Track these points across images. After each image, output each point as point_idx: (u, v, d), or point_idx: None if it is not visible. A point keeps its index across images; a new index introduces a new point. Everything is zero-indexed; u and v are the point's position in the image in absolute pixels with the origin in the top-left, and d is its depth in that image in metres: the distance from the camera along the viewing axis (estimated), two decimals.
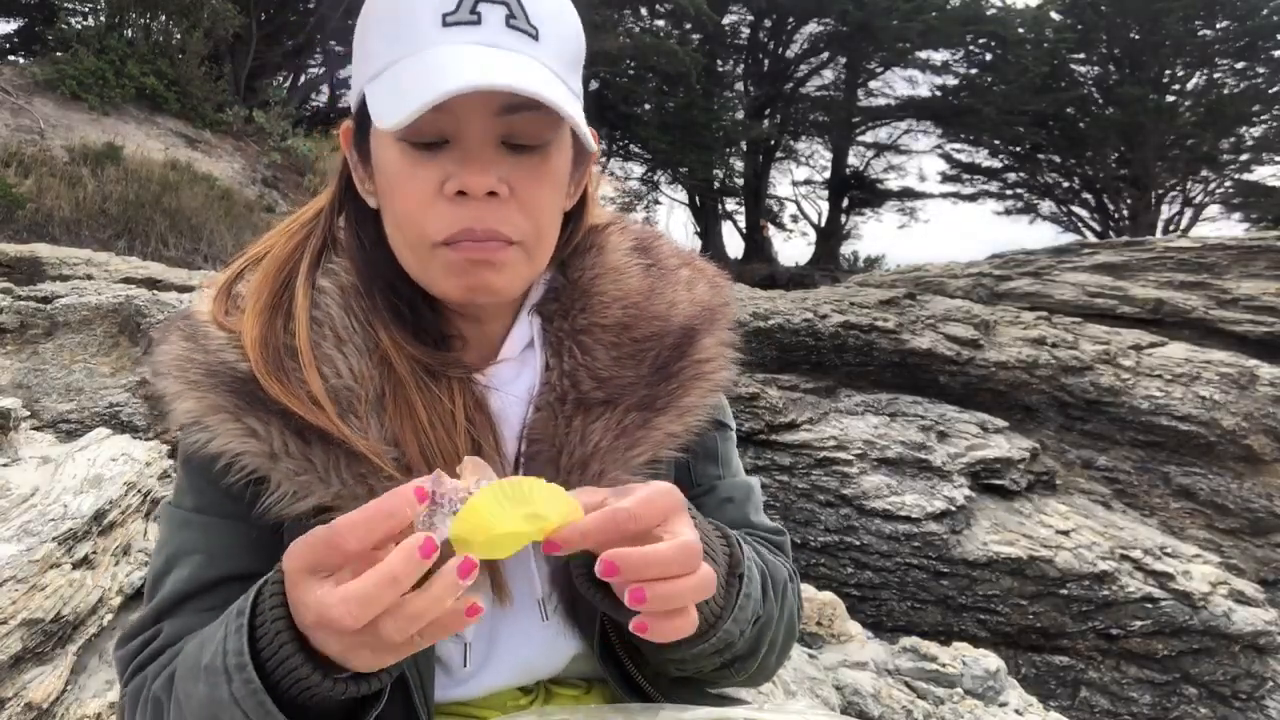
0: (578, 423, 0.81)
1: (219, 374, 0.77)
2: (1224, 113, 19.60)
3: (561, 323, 0.85)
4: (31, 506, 2.06)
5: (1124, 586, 3.55)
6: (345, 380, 0.77)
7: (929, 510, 3.73)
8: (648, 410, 0.83)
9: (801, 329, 4.97)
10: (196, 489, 0.81)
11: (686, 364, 0.86)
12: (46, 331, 3.74)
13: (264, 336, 0.77)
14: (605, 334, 0.85)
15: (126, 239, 8.57)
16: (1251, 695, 3.42)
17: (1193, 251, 6.25)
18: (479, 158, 0.73)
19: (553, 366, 0.84)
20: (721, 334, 0.89)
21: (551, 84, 0.72)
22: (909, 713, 2.52)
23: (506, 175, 0.74)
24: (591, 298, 0.86)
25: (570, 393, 0.82)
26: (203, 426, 0.76)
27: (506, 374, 0.85)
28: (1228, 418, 4.64)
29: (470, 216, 0.73)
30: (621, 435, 0.82)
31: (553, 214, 0.80)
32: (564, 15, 0.77)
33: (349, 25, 5.97)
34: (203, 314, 0.82)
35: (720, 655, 0.75)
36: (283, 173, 11.85)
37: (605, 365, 0.83)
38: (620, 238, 0.93)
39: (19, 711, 1.67)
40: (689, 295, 0.89)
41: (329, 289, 0.81)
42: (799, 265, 22.03)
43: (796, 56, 23.64)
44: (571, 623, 0.84)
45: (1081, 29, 20.51)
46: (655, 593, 0.61)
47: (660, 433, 0.83)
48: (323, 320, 0.79)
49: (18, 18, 15.10)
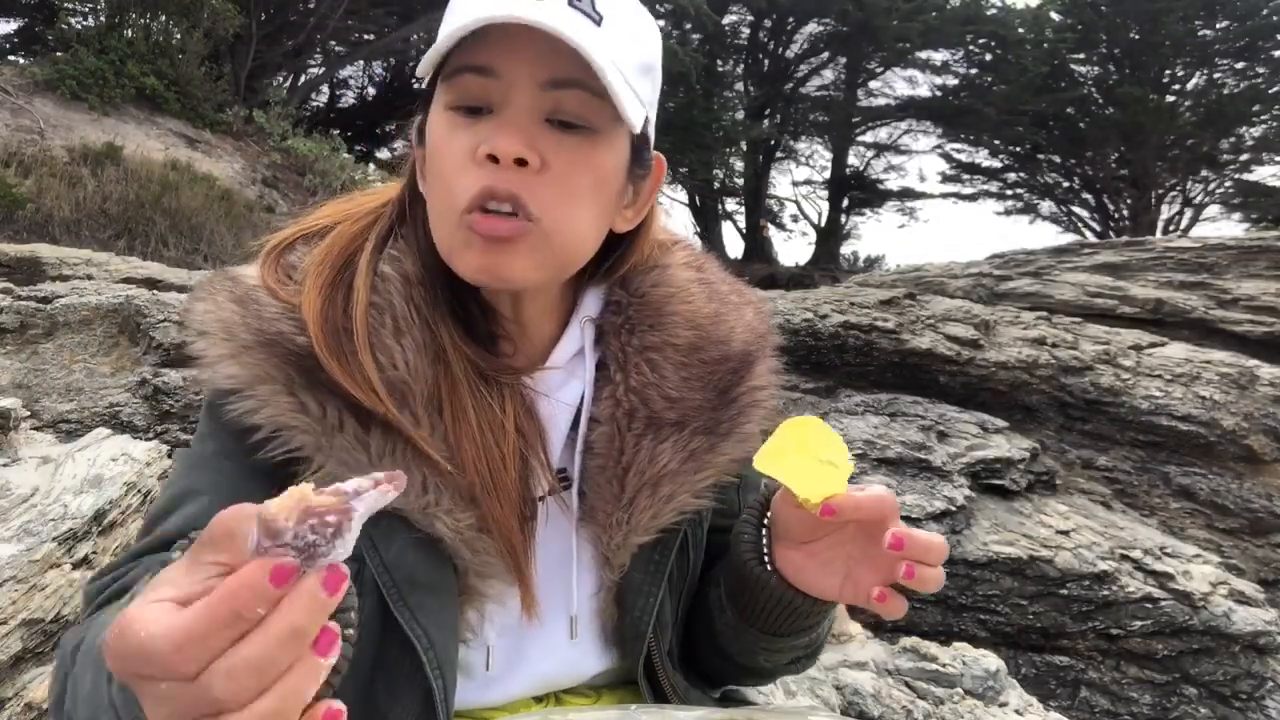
0: (647, 442, 0.81)
1: (274, 344, 0.73)
2: (1224, 113, 19.58)
3: (629, 338, 0.84)
4: (31, 506, 2.06)
5: (1124, 586, 3.54)
6: (400, 373, 0.74)
7: (929, 510, 3.73)
8: (713, 434, 0.83)
9: (801, 329, 4.97)
10: (219, 441, 0.77)
11: (745, 390, 0.86)
12: (46, 331, 3.74)
13: (325, 313, 0.74)
14: (676, 354, 0.84)
15: (126, 239, 8.57)
16: (1251, 695, 3.42)
17: (1193, 251, 6.25)
18: (516, 124, 0.70)
19: (618, 381, 0.82)
20: (770, 360, 0.90)
21: (604, 65, 0.68)
22: (909, 713, 2.51)
23: (541, 148, 0.71)
24: (665, 316, 0.85)
25: (640, 410, 0.81)
26: (246, 395, 0.72)
27: (553, 381, 0.83)
28: (1228, 418, 4.64)
29: (495, 177, 0.71)
30: (690, 458, 0.81)
31: (590, 209, 0.75)
32: (637, 17, 0.75)
33: (349, 25, 6.07)
34: (251, 278, 0.78)
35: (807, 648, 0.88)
36: (283, 173, 11.85)
37: (675, 385, 0.83)
38: (683, 256, 0.92)
39: (19, 711, 1.67)
40: (742, 320, 0.89)
41: (392, 276, 0.77)
42: (799, 265, 22.01)
43: (796, 56, 23.62)
44: (611, 643, 0.85)
45: (1081, 29, 20.49)
46: (922, 574, 0.70)
47: (724, 458, 0.84)
48: (383, 307, 0.76)
49: (18, 18, 15.10)
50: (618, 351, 0.84)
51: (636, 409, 0.81)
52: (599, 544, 0.82)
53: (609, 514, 0.81)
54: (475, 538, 0.75)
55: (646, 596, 0.83)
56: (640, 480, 0.80)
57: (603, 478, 0.80)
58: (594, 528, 0.82)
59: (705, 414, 0.83)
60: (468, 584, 0.77)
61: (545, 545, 0.81)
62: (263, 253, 0.81)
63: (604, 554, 0.82)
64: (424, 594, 0.73)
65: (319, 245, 0.80)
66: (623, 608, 0.84)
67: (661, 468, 0.80)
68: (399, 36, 16.94)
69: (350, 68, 19.17)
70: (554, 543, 0.82)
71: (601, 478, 0.80)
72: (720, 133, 21.80)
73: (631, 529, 0.81)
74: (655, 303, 0.86)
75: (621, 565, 0.82)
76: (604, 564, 0.83)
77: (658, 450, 0.80)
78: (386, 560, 0.73)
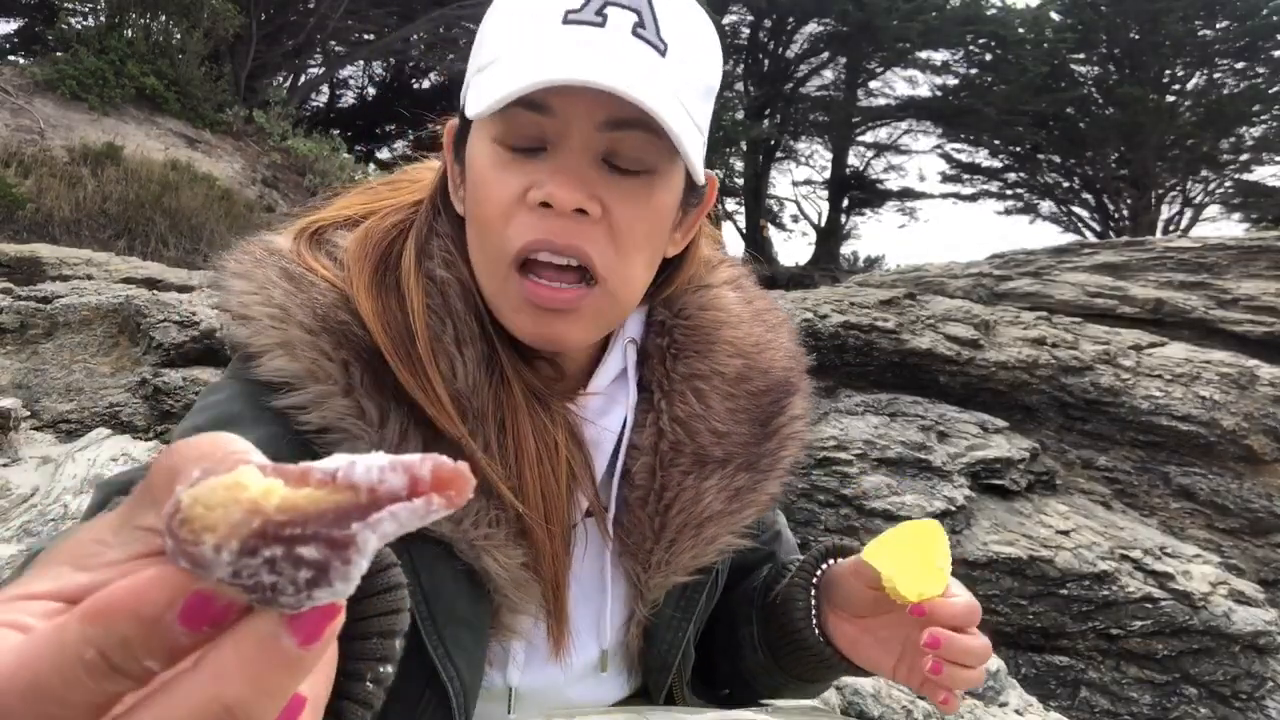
0: (691, 480, 0.76)
1: (340, 334, 0.66)
2: (1224, 113, 19.58)
3: (674, 364, 0.79)
4: (31, 506, 2.06)
5: (1124, 586, 3.54)
6: (463, 385, 0.68)
7: (929, 510, 3.72)
8: (754, 471, 0.79)
9: (801, 329, 4.97)
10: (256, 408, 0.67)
11: (785, 421, 0.81)
12: (46, 331, 3.74)
13: (383, 314, 0.67)
14: (724, 384, 0.79)
15: (126, 239, 8.57)
16: (1251, 695, 3.42)
17: (1193, 251, 6.25)
18: (573, 170, 0.65)
19: (662, 409, 0.77)
20: (805, 385, 0.86)
21: (668, 104, 0.63)
22: (909, 713, 2.51)
23: (602, 195, 0.66)
24: (715, 344, 0.80)
25: (687, 444, 0.77)
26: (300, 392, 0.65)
27: (595, 406, 0.78)
28: (1228, 418, 4.64)
29: (552, 228, 0.65)
30: (734, 498, 0.78)
31: (647, 254, 0.71)
32: (701, 38, 0.70)
33: (349, 25, 6.08)
34: (290, 253, 0.70)
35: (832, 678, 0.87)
36: (283, 173, 11.85)
37: (722, 418, 0.78)
38: (728, 272, 0.87)
39: None
40: (781, 344, 0.85)
41: (449, 280, 0.71)
42: (799, 265, 22.01)
43: (796, 56, 23.62)
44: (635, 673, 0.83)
45: (1081, 29, 20.49)
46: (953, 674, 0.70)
47: (766, 496, 0.81)
48: (444, 313, 0.70)
49: (18, 18, 15.10)
50: (661, 377, 0.79)
51: (682, 443, 0.77)
52: (634, 578, 0.78)
53: (648, 551, 0.77)
54: (522, 576, 0.70)
55: (676, 631, 0.81)
56: (684, 520, 0.76)
57: (643, 512, 0.76)
58: (630, 562, 0.78)
59: (749, 449, 0.79)
60: (499, 620, 0.73)
61: (578, 575, 0.77)
62: (293, 231, 0.74)
63: (639, 589, 0.78)
64: (460, 628, 0.69)
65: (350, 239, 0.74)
66: (650, 640, 0.81)
67: (705, 508, 0.76)
68: (399, 36, 16.94)
69: (350, 68, 19.16)
70: (586, 572, 0.79)
71: (642, 511, 0.76)
72: (720, 133, 21.78)
73: (672, 570, 0.77)
74: (704, 328, 0.81)
75: (655, 602, 0.79)
76: (638, 598, 0.79)
77: (703, 489, 0.76)
78: (426, 588, 0.67)
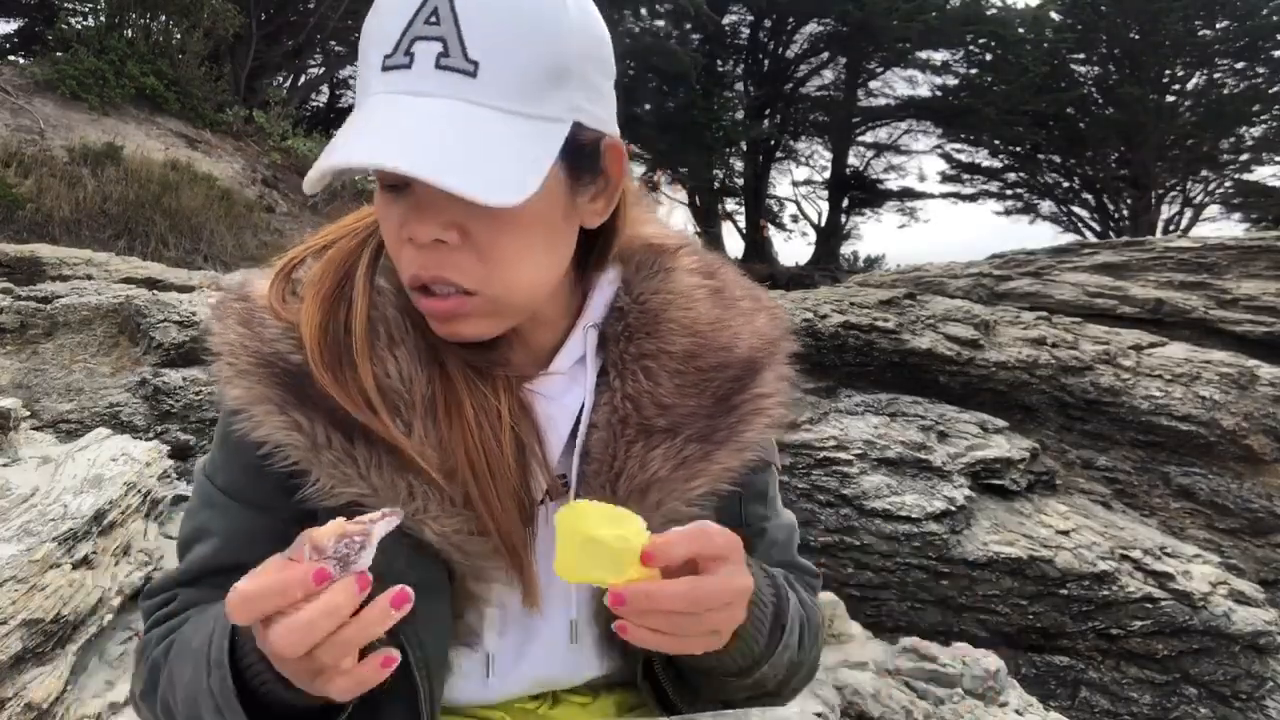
0: (638, 448, 0.80)
1: (271, 364, 0.77)
2: (1224, 113, 19.59)
3: (627, 345, 0.84)
4: (31, 506, 2.06)
5: (1124, 586, 3.54)
6: (394, 381, 0.76)
7: (929, 510, 3.72)
8: (707, 442, 0.82)
9: (801, 329, 4.97)
10: (229, 470, 0.82)
11: (748, 397, 0.85)
12: (46, 331, 3.75)
13: (325, 324, 0.77)
14: (671, 361, 0.83)
15: (126, 239, 8.58)
16: (1251, 695, 3.42)
17: (1193, 251, 6.24)
18: (427, 204, 0.70)
19: (616, 388, 0.82)
20: (780, 368, 0.88)
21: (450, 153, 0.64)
22: (909, 713, 2.52)
23: (461, 220, 0.70)
24: (661, 324, 0.84)
25: (633, 416, 0.81)
26: (248, 415, 0.76)
27: (557, 386, 0.84)
28: (1228, 418, 4.64)
29: (419, 261, 0.72)
30: (681, 465, 0.81)
31: (531, 255, 0.74)
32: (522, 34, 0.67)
33: (349, 25, 6.07)
34: (260, 297, 0.82)
35: (751, 690, 0.83)
36: (283, 173, 11.86)
37: (669, 393, 0.82)
38: (689, 261, 0.90)
39: (19, 711, 1.67)
40: (751, 326, 0.88)
41: (385, 289, 0.80)
42: (799, 265, 22.03)
43: (796, 56, 23.63)
44: (611, 647, 0.85)
45: (1081, 29, 20.50)
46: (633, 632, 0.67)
47: (719, 466, 0.83)
48: (379, 320, 0.78)
49: (18, 18, 15.10)
50: (617, 359, 0.84)
51: (630, 415, 0.81)
52: None
53: None
54: (465, 540, 0.76)
55: None
56: (630, 486, 0.79)
57: (597, 483, 0.80)
58: None
59: (701, 421, 0.82)
60: (465, 588, 0.79)
61: (545, 551, 0.81)
62: (273, 272, 0.84)
63: None
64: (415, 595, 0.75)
65: (318, 261, 0.83)
66: None
67: (651, 474, 0.80)
68: None
69: (350, 68, 19.15)
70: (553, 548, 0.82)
71: (596, 483, 0.80)
72: (720, 133, 21.81)
73: None
74: (653, 310, 0.85)
75: None
76: None
77: (648, 457, 0.80)
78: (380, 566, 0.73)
